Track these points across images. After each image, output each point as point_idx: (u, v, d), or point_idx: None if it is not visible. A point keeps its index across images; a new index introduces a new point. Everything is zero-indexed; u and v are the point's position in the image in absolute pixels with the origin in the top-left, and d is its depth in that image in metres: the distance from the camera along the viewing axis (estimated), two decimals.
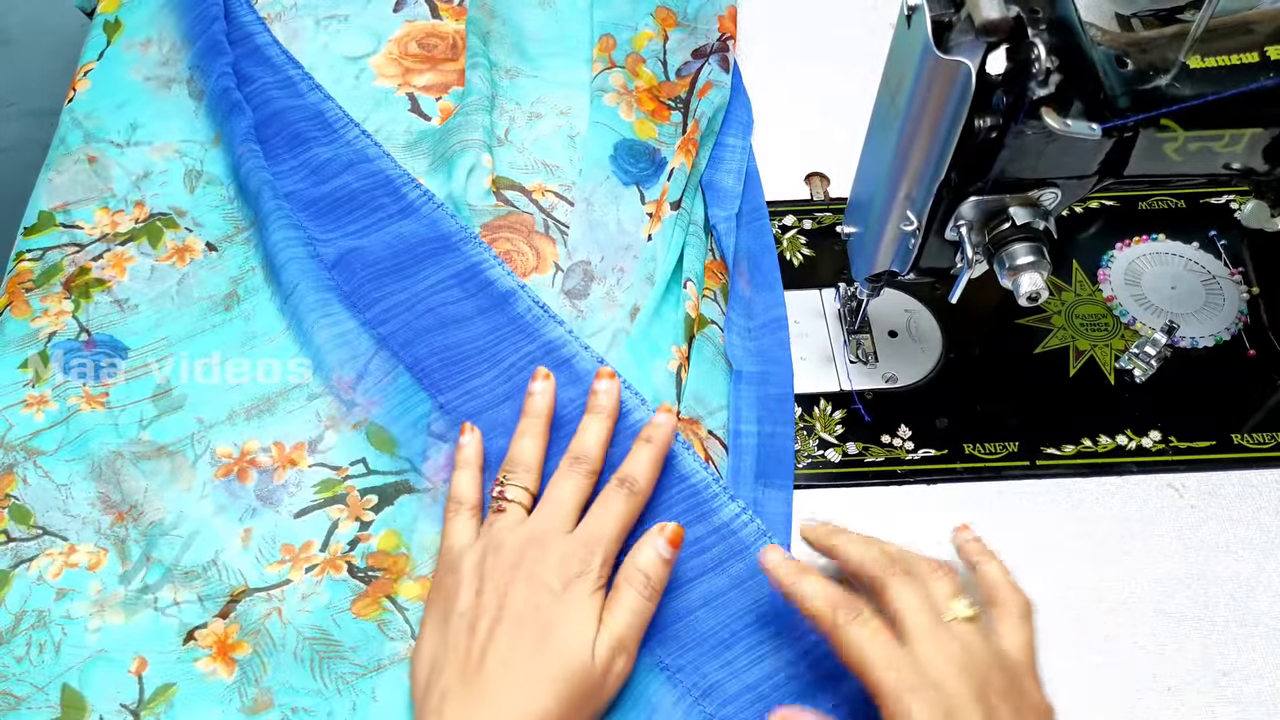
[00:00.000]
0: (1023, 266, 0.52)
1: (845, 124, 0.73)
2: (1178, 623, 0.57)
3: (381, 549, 0.58)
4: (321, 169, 0.71)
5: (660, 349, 0.62)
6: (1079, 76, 0.48)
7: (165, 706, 0.54)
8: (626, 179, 0.71)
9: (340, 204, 0.69)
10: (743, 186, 0.72)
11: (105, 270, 0.69)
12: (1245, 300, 0.67)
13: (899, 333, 0.67)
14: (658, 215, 0.68)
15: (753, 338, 0.66)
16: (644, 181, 0.71)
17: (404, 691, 0.54)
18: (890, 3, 0.83)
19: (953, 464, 0.62)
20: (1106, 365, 0.65)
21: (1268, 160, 0.53)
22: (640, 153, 0.72)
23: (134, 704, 0.54)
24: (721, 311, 0.66)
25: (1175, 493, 0.61)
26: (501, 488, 0.56)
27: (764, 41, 0.81)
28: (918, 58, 0.48)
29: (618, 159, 0.71)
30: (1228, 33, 0.51)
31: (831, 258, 0.70)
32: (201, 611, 0.56)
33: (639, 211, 0.69)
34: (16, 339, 0.66)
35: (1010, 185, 0.52)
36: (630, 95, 0.74)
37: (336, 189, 0.70)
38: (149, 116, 0.76)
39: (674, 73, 0.77)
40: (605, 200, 0.69)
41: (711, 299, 0.66)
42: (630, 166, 0.71)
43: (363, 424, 0.62)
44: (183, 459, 0.62)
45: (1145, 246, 0.70)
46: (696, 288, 0.65)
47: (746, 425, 0.62)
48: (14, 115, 0.95)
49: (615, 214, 0.69)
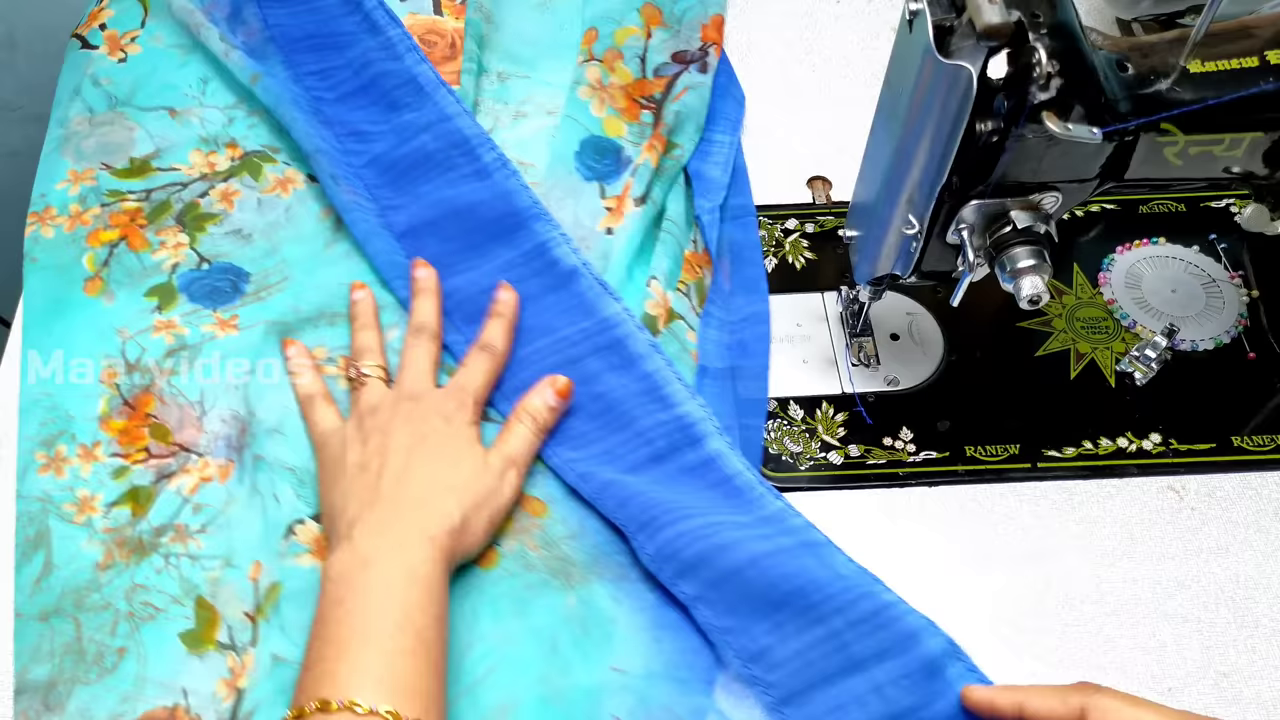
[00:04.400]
0: (1024, 270, 0.52)
1: (847, 128, 0.73)
2: (1178, 624, 0.57)
3: None
4: (404, 129, 0.71)
5: None
6: (1080, 81, 0.48)
7: (273, 607, 0.56)
8: (589, 175, 0.71)
9: (417, 165, 0.69)
10: (729, 179, 0.72)
11: (215, 205, 0.71)
12: (1245, 303, 0.68)
13: (901, 336, 0.67)
14: (620, 210, 0.68)
15: (731, 331, 0.67)
16: (606, 178, 0.71)
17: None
18: (892, 7, 0.83)
19: (954, 466, 0.62)
20: (1107, 368, 0.66)
21: (1267, 164, 0.53)
22: (606, 150, 0.72)
23: (252, 609, 0.56)
24: (693, 307, 0.66)
25: (1176, 495, 0.61)
26: (355, 368, 0.61)
27: (766, 45, 0.82)
28: (919, 62, 0.48)
29: (582, 154, 0.71)
30: (1228, 37, 0.51)
31: (833, 261, 0.71)
32: (300, 506, 0.59)
33: (597, 206, 0.69)
34: (138, 270, 0.68)
35: (1011, 189, 0.52)
36: (604, 91, 0.74)
37: (414, 149, 0.70)
38: (211, 70, 0.76)
39: (651, 71, 0.76)
40: (563, 194, 0.70)
41: (684, 294, 0.66)
42: (594, 163, 0.71)
43: None
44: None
45: (1146, 250, 0.70)
46: (664, 284, 0.65)
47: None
48: (19, 119, 0.95)
49: (572, 208, 0.69)
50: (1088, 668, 0.56)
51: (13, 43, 0.95)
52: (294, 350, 0.63)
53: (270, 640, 0.55)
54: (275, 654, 0.54)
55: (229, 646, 0.56)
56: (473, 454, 0.57)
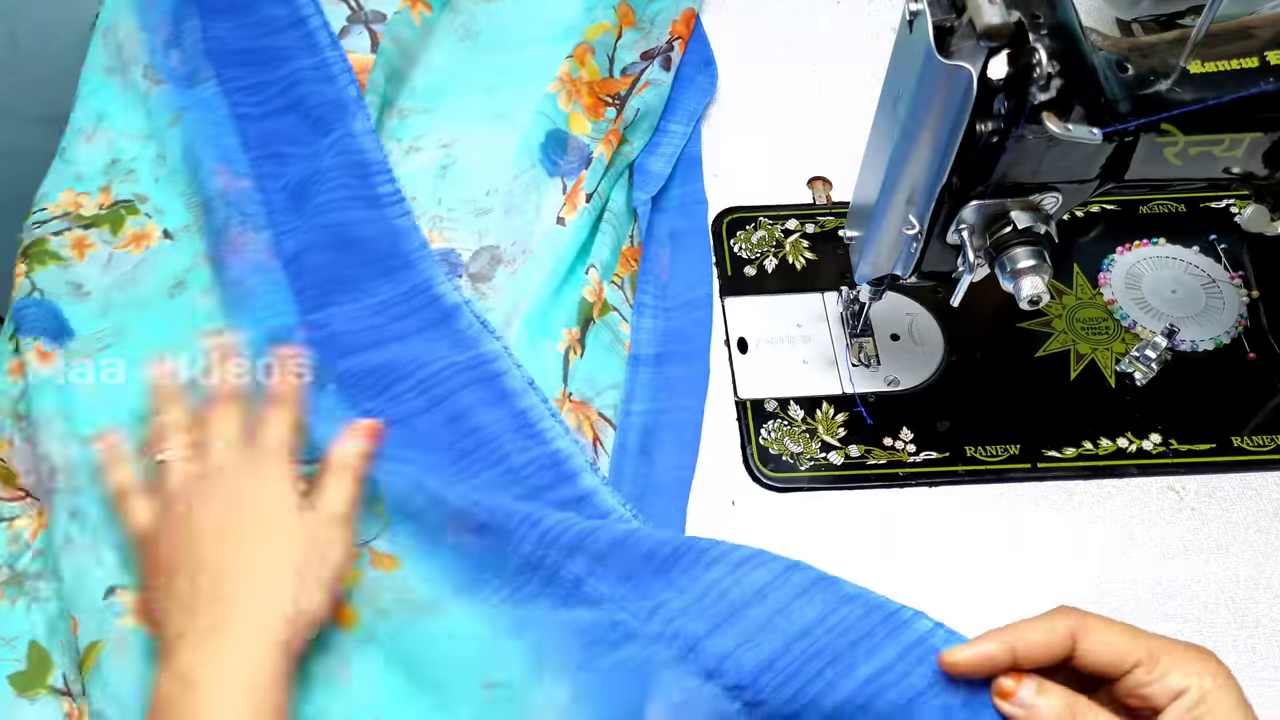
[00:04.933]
0: (1024, 270, 0.52)
1: (847, 129, 0.73)
2: (1178, 624, 0.57)
3: None
4: (319, 153, 0.70)
5: (552, 331, 0.64)
6: (1080, 81, 0.48)
7: (93, 666, 0.54)
8: (553, 171, 0.71)
9: (315, 183, 0.68)
10: (671, 170, 0.73)
11: (65, 250, 0.69)
12: (1245, 304, 0.68)
13: (901, 336, 0.67)
14: (573, 203, 0.69)
15: (667, 318, 0.68)
16: (569, 175, 0.71)
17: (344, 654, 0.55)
18: (892, 7, 0.83)
19: (954, 466, 0.62)
20: (1107, 368, 0.66)
21: (1267, 165, 0.53)
22: (571, 147, 0.72)
23: (78, 662, 0.54)
24: (626, 299, 0.68)
25: (1175, 495, 0.62)
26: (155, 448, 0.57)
27: (767, 45, 0.82)
28: (919, 62, 0.49)
29: (547, 148, 0.72)
30: (1228, 38, 0.51)
31: (834, 261, 0.71)
32: (122, 575, 0.56)
33: (559, 201, 0.70)
34: None
35: (1011, 189, 0.52)
36: (572, 85, 0.74)
37: (318, 169, 0.69)
38: (114, 106, 0.75)
39: (618, 70, 0.77)
40: (527, 187, 0.70)
41: (619, 286, 0.68)
42: (558, 159, 0.72)
43: None
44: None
45: (1146, 250, 0.70)
46: (600, 274, 0.66)
47: (638, 405, 0.64)
48: (20, 121, 0.95)
49: (535, 201, 0.70)
50: None
51: (13, 45, 0.95)
52: (106, 444, 0.59)
53: (94, 698, 0.53)
54: (99, 711, 0.52)
55: (63, 693, 0.55)
56: (293, 524, 0.53)
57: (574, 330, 0.65)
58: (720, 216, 0.73)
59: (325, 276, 0.65)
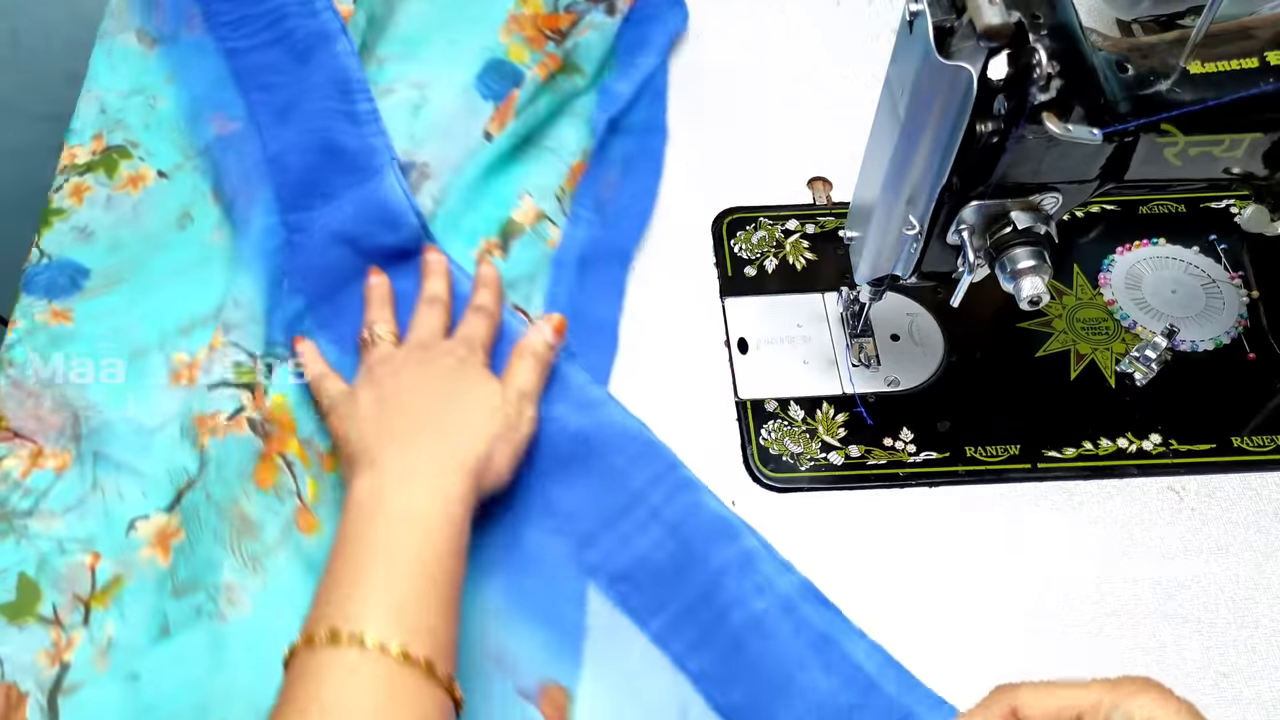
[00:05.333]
0: (1024, 270, 0.52)
1: (847, 129, 0.73)
2: (1178, 625, 0.57)
3: (275, 403, 0.63)
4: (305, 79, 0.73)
5: (467, 236, 0.70)
6: (1080, 82, 0.49)
7: (115, 597, 0.58)
8: (487, 94, 0.75)
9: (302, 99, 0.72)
10: (640, 98, 0.76)
11: (65, 200, 0.72)
12: (1245, 304, 0.68)
13: (901, 336, 0.67)
14: (502, 120, 0.72)
15: (602, 227, 0.72)
16: (501, 98, 0.74)
17: (300, 564, 0.59)
18: (892, 8, 0.83)
19: (954, 467, 0.62)
20: (1107, 368, 0.66)
21: (1267, 165, 0.53)
22: (506, 74, 0.76)
23: (86, 595, 0.58)
24: (562, 210, 0.72)
25: (1176, 495, 0.62)
26: (369, 332, 0.62)
27: (767, 47, 0.82)
28: (919, 63, 0.49)
29: (483, 76, 0.75)
30: (1228, 38, 0.51)
31: (834, 262, 0.71)
32: (144, 504, 0.61)
33: (486, 118, 0.73)
34: None
35: (1011, 190, 0.52)
36: (514, 20, 0.77)
37: (306, 89, 0.72)
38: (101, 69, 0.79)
39: (561, 6, 0.79)
40: (460, 110, 0.74)
41: (558, 199, 0.72)
42: (494, 84, 0.75)
43: None
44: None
45: (1146, 250, 0.70)
46: (535, 199, 0.72)
47: (559, 286, 0.69)
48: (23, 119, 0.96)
49: (465, 123, 0.73)
50: (1087, 668, 0.56)
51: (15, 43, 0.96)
52: (303, 347, 0.64)
53: (107, 626, 0.57)
54: (112, 639, 0.57)
55: (52, 622, 0.57)
56: (489, 388, 0.58)
57: (492, 239, 0.70)
58: (720, 217, 0.73)
59: (304, 179, 0.69)
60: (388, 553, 0.49)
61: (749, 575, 0.56)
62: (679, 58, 0.81)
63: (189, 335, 0.66)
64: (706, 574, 0.56)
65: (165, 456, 0.62)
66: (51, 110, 0.75)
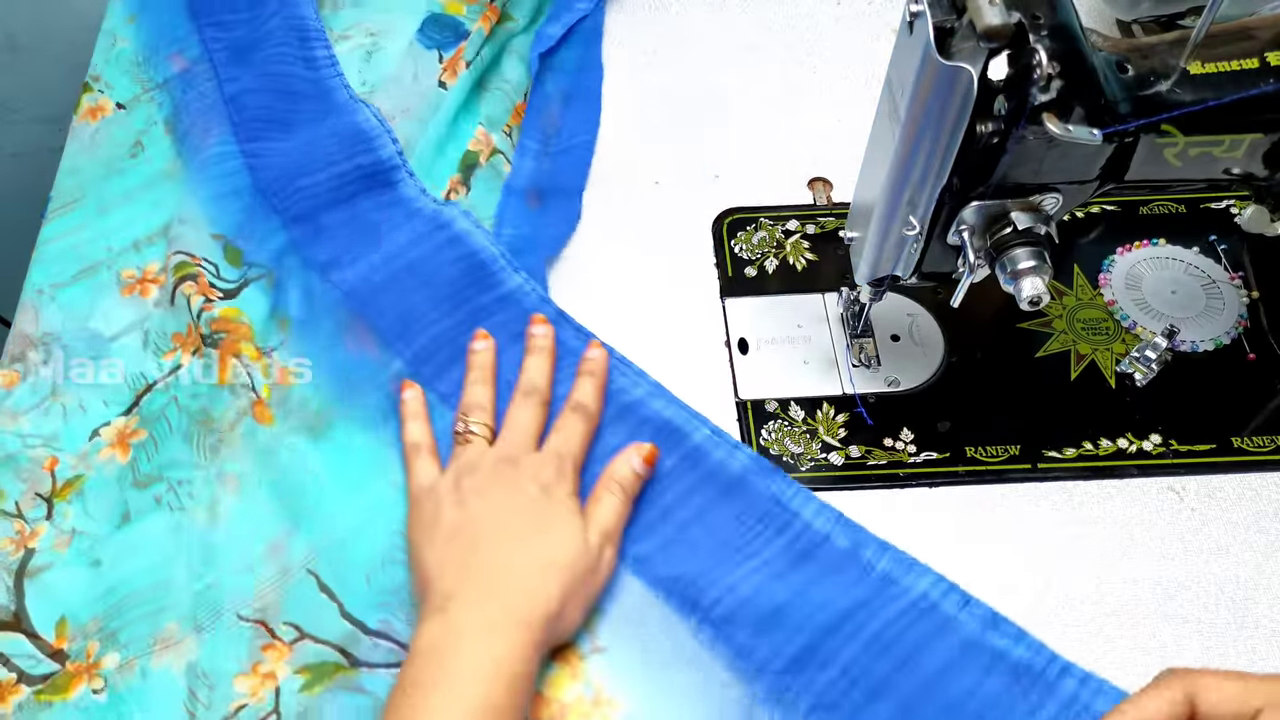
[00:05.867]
0: (1024, 271, 0.52)
1: (848, 129, 0.74)
2: (1178, 625, 0.57)
3: (223, 316, 0.67)
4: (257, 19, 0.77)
5: (437, 179, 0.73)
6: (1080, 82, 0.49)
7: (76, 493, 0.62)
8: (428, 44, 0.79)
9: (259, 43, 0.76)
10: (574, 36, 0.81)
11: None
12: (1245, 304, 0.68)
13: (901, 336, 0.67)
14: (454, 69, 0.77)
15: (548, 159, 0.76)
16: (444, 47, 0.79)
17: (252, 450, 0.63)
18: (893, 8, 0.83)
19: (954, 467, 0.62)
20: (1107, 369, 0.66)
21: (1267, 165, 0.53)
22: (445, 25, 0.80)
23: (48, 493, 0.62)
24: (512, 145, 0.76)
25: (1176, 496, 0.62)
26: (464, 425, 0.60)
27: (768, 47, 0.82)
28: (920, 63, 0.49)
29: (424, 29, 0.79)
30: (1228, 39, 0.51)
31: (834, 262, 0.71)
32: (108, 413, 0.65)
33: (435, 68, 0.77)
34: None
35: (1012, 190, 0.52)
36: None
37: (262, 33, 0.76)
38: None
39: None
40: (404, 59, 0.78)
41: (507, 134, 0.77)
42: (435, 35, 0.79)
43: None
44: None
45: (1146, 251, 0.70)
46: (488, 128, 0.76)
47: (507, 229, 0.72)
48: (22, 121, 0.96)
49: (412, 70, 0.77)
50: (1088, 668, 0.56)
51: (14, 45, 0.96)
52: (410, 395, 0.63)
53: (70, 519, 0.61)
54: (76, 529, 0.61)
55: (15, 515, 0.62)
56: (573, 529, 0.54)
57: (456, 176, 0.74)
58: (721, 217, 0.73)
59: (261, 116, 0.73)
60: (448, 704, 0.48)
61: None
62: (680, 58, 0.81)
63: (139, 251, 0.71)
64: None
65: (125, 365, 0.66)
66: (51, 112, 0.76)
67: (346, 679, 0.56)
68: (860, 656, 0.53)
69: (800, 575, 0.55)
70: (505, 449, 0.58)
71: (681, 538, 0.57)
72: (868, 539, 0.56)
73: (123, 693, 0.56)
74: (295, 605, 0.58)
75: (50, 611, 0.58)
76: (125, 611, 0.58)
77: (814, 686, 0.52)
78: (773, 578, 0.55)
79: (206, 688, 0.55)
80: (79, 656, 0.57)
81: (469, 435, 0.59)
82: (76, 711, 0.55)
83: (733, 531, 0.57)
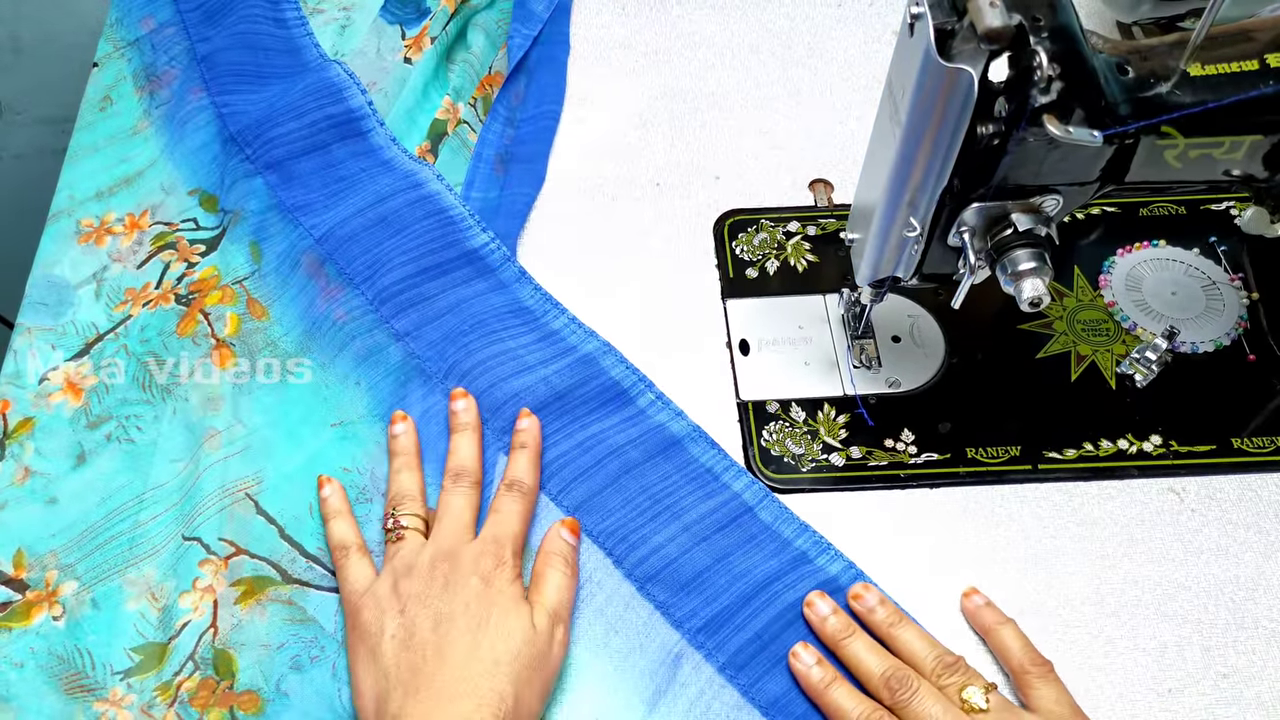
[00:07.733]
0: (1025, 272, 0.52)
1: (849, 131, 0.74)
2: (1178, 626, 0.57)
3: (201, 277, 0.70)
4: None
5: (408, 146, 0.75)
6: (1080, 84, 0.49)
7: (27, 435, 0.65)
8: (391, 20, 0.82)
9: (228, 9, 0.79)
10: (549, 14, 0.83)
11: None
12: (1245, 306, 0.68)
13: (902, 338, 0.68)
14: (419, 46, 0.80)
15: (514, 126, 0.78)
16: (407, 24, 0.82)
17: (205, 389, 0.66)
18: (894, 10, 0.84)
19: (955, 468, 0.63)
20: (1108, 370, 0.66)
21: (1267, 167, 0.53)
22: (408, 2, 0.83)
23: (4, 432, 0.65)
24: (478, 116, 0.79)
25: (1176, 497, 0.62)
26: (394, 519, 0.58)
27: (768, 48, 0.82)
28: (920, 65, 0.49)
29: (387, 6, 0.82)
30: (1228, 40, 0.51)
31: (835, 263, 0.71)
32: (55, 357, 0.68)
33: (398, 44, 0.80)
34: None
35: (1012, 192, 0.52)
36: None
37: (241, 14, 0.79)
38: None
39: None
40: (367, 34, 0.81)
41: (473, 106, 0.79)
42: (398, 11, 0.82)
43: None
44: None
45: (1146, 252, 0.71)
46: (454, 99, 0.79)
47: (476, 192, 0.74)
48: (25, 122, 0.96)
49: (375, 44, 0.80)
50: (1088, 669, 0.56)
51: (17, 48, 0.96)
52: (329, 490, 0.61)
53: (22, 458, 0.64)
54: (29, 467, 0.64)
55: None
56: (519, 618, 0.53)
57: (424, 144, 0.76)
58: (722, 219, 0.73)
59: (232, 70, 0.76)
60: None
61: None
62: (681, 59, 0.82)
63: (100, 200, 0.74)
64: None
65: (78, 313, 0.69)
66: (52, 113, 0.76)
67: (279, 592, 0.59)
68: (772, 624, 0.57)
69: (724, 541, 0.59)
70: (441, 542, 0.56)
71: (616, 486, 0.61)
72: (790, 518, 0.60)
73: (80, 620, 0.59)
74: (236, 526, 0.61)
75: (8, 544, 0.61)
76: (83, 544, 0.61)
77: (727, 647, 0.56)
78: (697, 540, 0.59)
79: (160, 609, 0.59)
80: (38, 585, 0.60)
81: (400, 532, 0.57)
82: (37, 638, 0.58)
83: (662, 488, 0.61)
